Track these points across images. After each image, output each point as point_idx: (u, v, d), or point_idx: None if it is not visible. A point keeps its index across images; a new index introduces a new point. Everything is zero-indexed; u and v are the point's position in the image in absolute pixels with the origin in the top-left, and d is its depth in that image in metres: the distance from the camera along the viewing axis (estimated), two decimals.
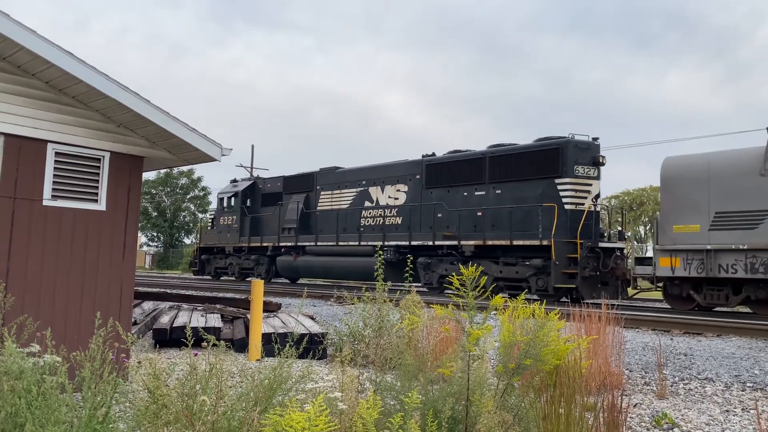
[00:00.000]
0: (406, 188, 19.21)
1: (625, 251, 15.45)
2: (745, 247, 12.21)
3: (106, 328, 3.01)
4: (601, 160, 15.89)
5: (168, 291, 16.70)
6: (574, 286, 14.85)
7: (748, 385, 6.09)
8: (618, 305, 7.07)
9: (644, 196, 48.95)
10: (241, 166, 43.23)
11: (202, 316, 9.27)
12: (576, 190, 15.56)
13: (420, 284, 18.35)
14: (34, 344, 3.05)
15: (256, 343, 7.20)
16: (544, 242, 15.15)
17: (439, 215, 17.84)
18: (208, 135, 6.10)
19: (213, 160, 6.29)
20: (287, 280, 25.24)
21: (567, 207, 15.41)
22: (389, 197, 19.74)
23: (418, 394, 2.66)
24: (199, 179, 59.39)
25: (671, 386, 6.02)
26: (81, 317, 5.52)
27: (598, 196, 15.92)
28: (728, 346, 8.30)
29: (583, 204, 15.45)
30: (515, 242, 15.82)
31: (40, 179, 5.47)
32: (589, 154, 15.86)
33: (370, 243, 19.27)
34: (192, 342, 3.08)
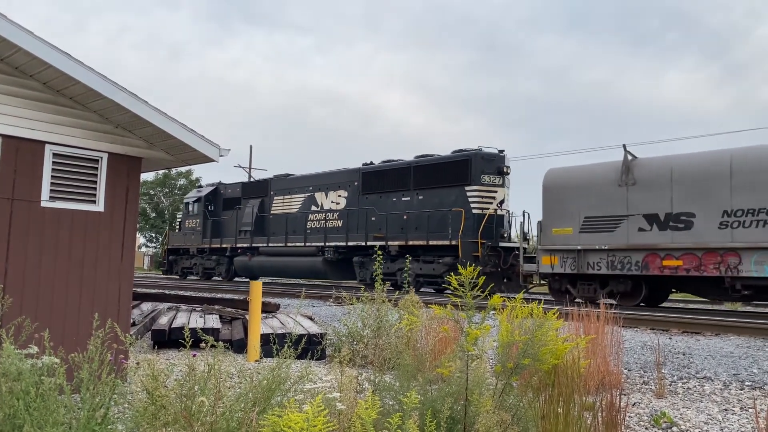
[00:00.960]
0: (346, 194, 21.49)
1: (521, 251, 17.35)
2: (606, 247, 14.22)
3: (104, 329, 3.01)
4: (505, 170, 18.25)
5: (166, 292, 16.68)
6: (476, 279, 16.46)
7: (746, 384, 6.10)
8: (614, 305, 7.08)
9: None
10: (240, 167, 43.23)
11: (200, 317, 9.27)
12: (482, 197, 17.93)
13: (356, 281, 20.52)
14: (33, 345, 3.05)
15: (254, 343, 7.20)
16: (453, 242, 17.49)
17: (372, 218, 20.09)
18: (206, 135, 6.10)
19: (211, 160, 6.29)
20: (247, 279, 27.00)
21: (474, 211, 17.69)
22: (332, 202, 21.95)
23: (416, 394, 2.66)
24: (198, 180, 59.42)
25: (670, 385, 6.03)
26: (79, 318, 5.51)
27: (502, 201, 18.14)
28: (727, 345, 8.32)
29: (488, 209, 17.77)
30: (431, 242, 18.22)
31: (37, 180, 5.47)
32: (495, 165, 18.22)
33: (314, 244, 21.73)
34: (190, 343, 3.09)
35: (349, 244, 20.49)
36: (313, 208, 22.59)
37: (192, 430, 2.60)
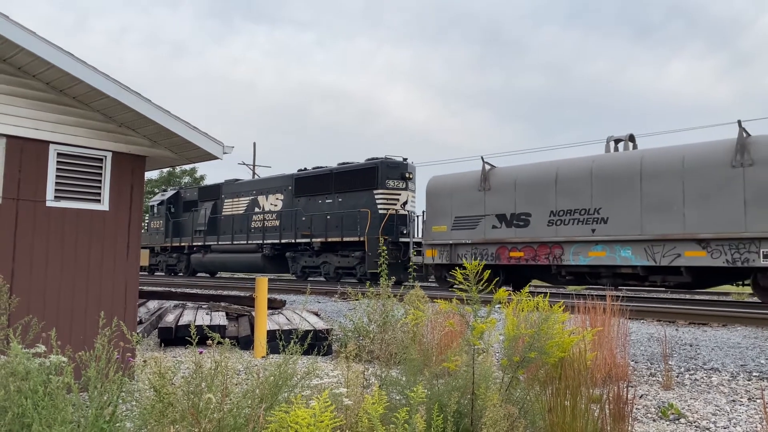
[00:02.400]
0: (282, 197, 24.47)
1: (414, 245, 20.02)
2: (470, 241, 17.15)
3: (111, 327, 3.02)
4: (408, 176, 21.46)
5: (172, 290, 16.74)
6: (375, 270, 18.99)
7: (754, 374, 6.08)
8: (623, 297, 7.07)
9: None
10: (244, 164, 43.28)
11: (206, 314, 9.29)
12: (387, 199, 21.05)
13: (290, 273, 24.28)
14: (40, 345, 3.06)
15: (261, 340, 7.22)
16: (361, 238, 20.67)
17: (303, 218, 23.04)
18: (209, 133, 6.10)
19: (215, 158, 6.30)
20: (207, 275, 29.92)
21: (380, 211, 20.76)
22: (271, 204, 24.98)
23: (423, 388, 2.66)
24: (202, 178, 59.48)
25: (677, 377, 6.01)
26: (86, 317, 5.53)
27: (405, 203, 21.20)
28: (734, 336, 8.29)
29: (392, 209, 20.88)
30: (344, 239, 21.32)
31: (42, 180, 5.48)
32: (399, 171, 21.43)
33: (255, 242, 24.80)
34: (197, 340, 3.09)
35: (282, 241, 23.70)
36: (256, 209, 25.50)
37: (200, 427, 2.61)
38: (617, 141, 15.91)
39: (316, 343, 7.04)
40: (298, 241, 23.03)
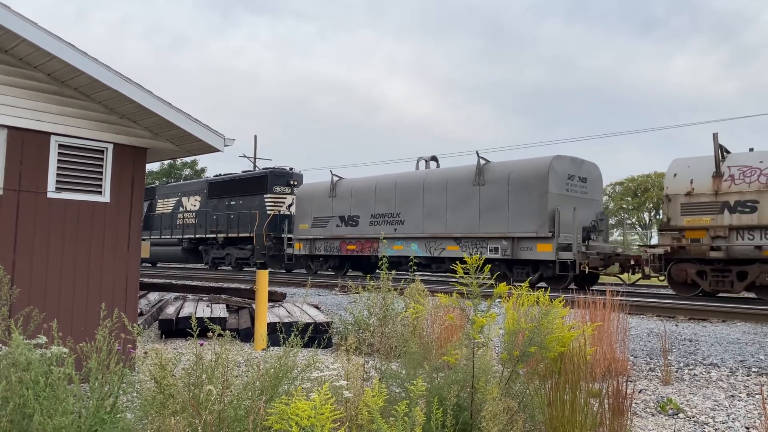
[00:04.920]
0: (199, 198, 28.81)
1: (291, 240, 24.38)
2: (323, 237, 22.20)
3: (111, 318, 3.03)
4: (293, 183, 25.89)
5: (173, 282, 16.75)
6: (262, 260, 24.64)
7: (753, 370, 6.09)
8: (623, 292, 7.07)
9: (649, 183, 48.76)
10: (245, 157, 43.24)
11: (207, 306, 9.31)
12: (274, 202, 25.47)
13: (203, 263, 28.74)
14: (41, 336, 3.07)
15: (261, 332, 7.23)
16: (251, 234, 25.16)
17: (213, 217, 27.49)
18: (210, 125, 6.10)
19: (216, 150, 6.29)
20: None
21: (269, 212, 25.11)
22: (191, 205, 29.30)
23: (423, 381, 2.67)
24: (203, 170, 59.47)
25: (676, 372, 6.03)
26: (87, 308, 5.55)
27: (290, 205, 25.30)
28: (733, 332, 8.30)
29: (277, 210, 25.24)
30: (240, 235, 25.86)
31: (43, 172, 5.48)
32: (285, 179, 26.05)
33: (177, 237, 29.49)
34: (198, 332, 3.10)
35: (197, 236, 28.19)
36: (180, 209, 29.80)
37: (200, 419, 2.62)
38: (426, 160, 20.82)
39: (317, 335, 7.06)
40: (208, 236, 27.69)
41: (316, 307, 10.26)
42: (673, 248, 14.01)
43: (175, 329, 7.91)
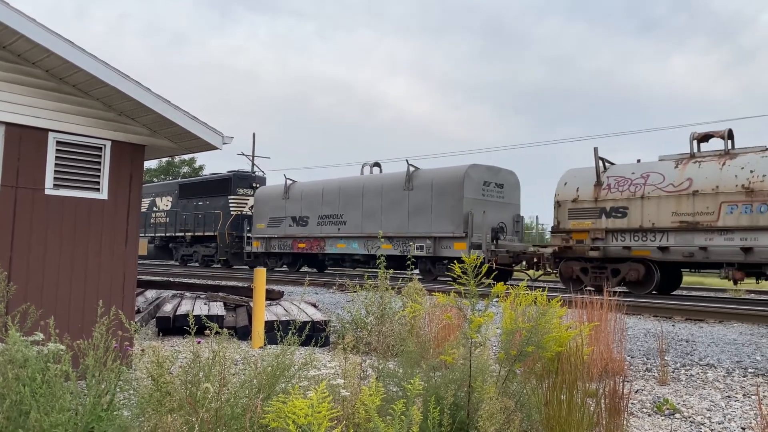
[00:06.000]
0: (171, 199, 30.68)
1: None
2: (277, 236, 24.15)
3: (108, 316, 3.02)
4: (255, 185, 27.67)
5: (171, 279, 16.73)
6: (225, 258, 27.13)
7: (749, 371, 6.11)
8: (619, 293, 7.09)
9: None
10: (243, 155, 43.21)
11: (205, 304, 9.30)
12: (237, 203, 27.45)
13: (173, 260, 30.54)
14: (38, 332, 3.06)
15: (258, 330, 7.23)
16: (215, 233, 27.57)
17: (183, 216, 29.41)
18: (209, 123, 6.09)
19: (214, 148, 6.28)
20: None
21: (232, 213, 27.21)
22: (164, 204, 31.04)
23: (420, 380, 2.67)
24: (201, 168, 59.36)
25: (673, 372, 6.04)
26: (84, 306, 5.54)
27: (252, 206, 26.44)
28: (730, 333, 8.32)
29: (240, 211, 27.19)
30: (205, 233, 28.09)
31: (41, 168, 5.47)
32: (248, 182, 28.13)
33: (150, 234, 31.17)
34: (195, 330, 3.10)
35: (167, 234, 30.21)
36: (154, 208, 31.48)
37: (197, 417, 2.61)
38: (371, 166, 22.70)
39: (314, 334, 7.04)
40: (177, 234, 29.73)
41: (314, 305, 10.26)
42: (561, 248, 15.90)
43: (172, 327, 7.90)
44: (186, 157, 56.35)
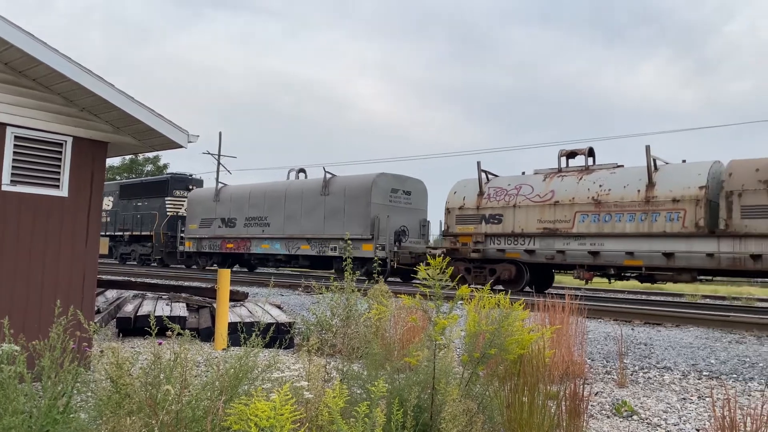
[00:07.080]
0: (112, 199, 32.55)
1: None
2: (208, 236, 25.89)
3: (67, 316, 2.95)
4: (191, 188, 29.69)
5: (132, 279, 16.41)
6: (160, 256, 29.12)
7: (704, 373, 6.28)
8: (581, 296, 7.22)
9: None
10: (208, 153, 42.66)
11: (167, 305, 9.15)
12: (173, 204, 29.57)
13: (113, 258, 32.29)
14: None
15: (222, 332, 7.14)
16: (151, 233, 29.45)
17: (123, 216, 31.39)
18: (174, 121, 6.00)
19: (179, 146, 6.19)
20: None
21: (168, 213, 29.19)
22: (106, 204, 32.32)
23: (384, 382, 2.68)
24: (165, 166, 58.37)
25: (631, 375, 6.17)
26: (42, 306, 5.39)
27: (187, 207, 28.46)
28: (686, 336, 8.55)
29: (176, 212, 29.17)
30: (143, 233, 29.94)
31: None
32: (184, 184, 30.19)
33: None
34: (156, 331, 3.04)
35: (107, 233, 31.52)
36: None
37: (157, 419, 2.57)
38: (297, 172, 24.57)
39: (278, 336, 7.00)
40: (116, 233, 31.51)
41: (279, 307, 10.18)
42: (449, 250, 17.97)
43: (133, 328, 7.75)
44: (150, 155, 55.43)
